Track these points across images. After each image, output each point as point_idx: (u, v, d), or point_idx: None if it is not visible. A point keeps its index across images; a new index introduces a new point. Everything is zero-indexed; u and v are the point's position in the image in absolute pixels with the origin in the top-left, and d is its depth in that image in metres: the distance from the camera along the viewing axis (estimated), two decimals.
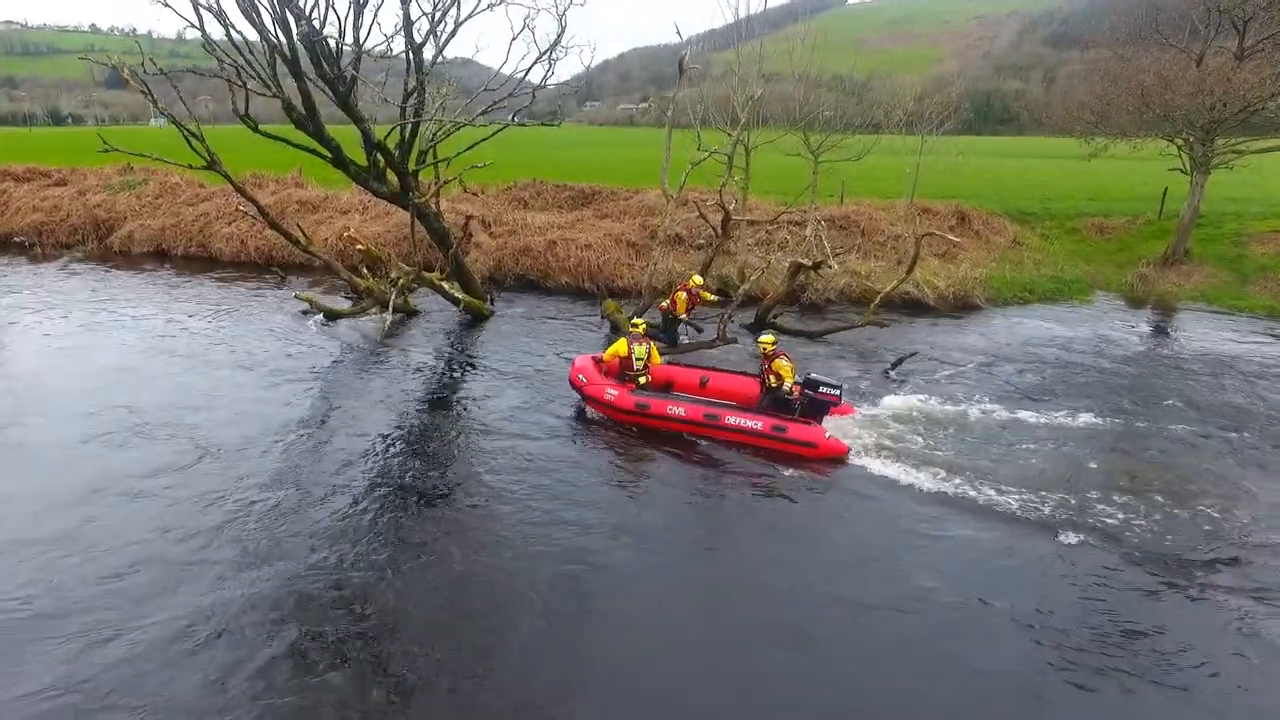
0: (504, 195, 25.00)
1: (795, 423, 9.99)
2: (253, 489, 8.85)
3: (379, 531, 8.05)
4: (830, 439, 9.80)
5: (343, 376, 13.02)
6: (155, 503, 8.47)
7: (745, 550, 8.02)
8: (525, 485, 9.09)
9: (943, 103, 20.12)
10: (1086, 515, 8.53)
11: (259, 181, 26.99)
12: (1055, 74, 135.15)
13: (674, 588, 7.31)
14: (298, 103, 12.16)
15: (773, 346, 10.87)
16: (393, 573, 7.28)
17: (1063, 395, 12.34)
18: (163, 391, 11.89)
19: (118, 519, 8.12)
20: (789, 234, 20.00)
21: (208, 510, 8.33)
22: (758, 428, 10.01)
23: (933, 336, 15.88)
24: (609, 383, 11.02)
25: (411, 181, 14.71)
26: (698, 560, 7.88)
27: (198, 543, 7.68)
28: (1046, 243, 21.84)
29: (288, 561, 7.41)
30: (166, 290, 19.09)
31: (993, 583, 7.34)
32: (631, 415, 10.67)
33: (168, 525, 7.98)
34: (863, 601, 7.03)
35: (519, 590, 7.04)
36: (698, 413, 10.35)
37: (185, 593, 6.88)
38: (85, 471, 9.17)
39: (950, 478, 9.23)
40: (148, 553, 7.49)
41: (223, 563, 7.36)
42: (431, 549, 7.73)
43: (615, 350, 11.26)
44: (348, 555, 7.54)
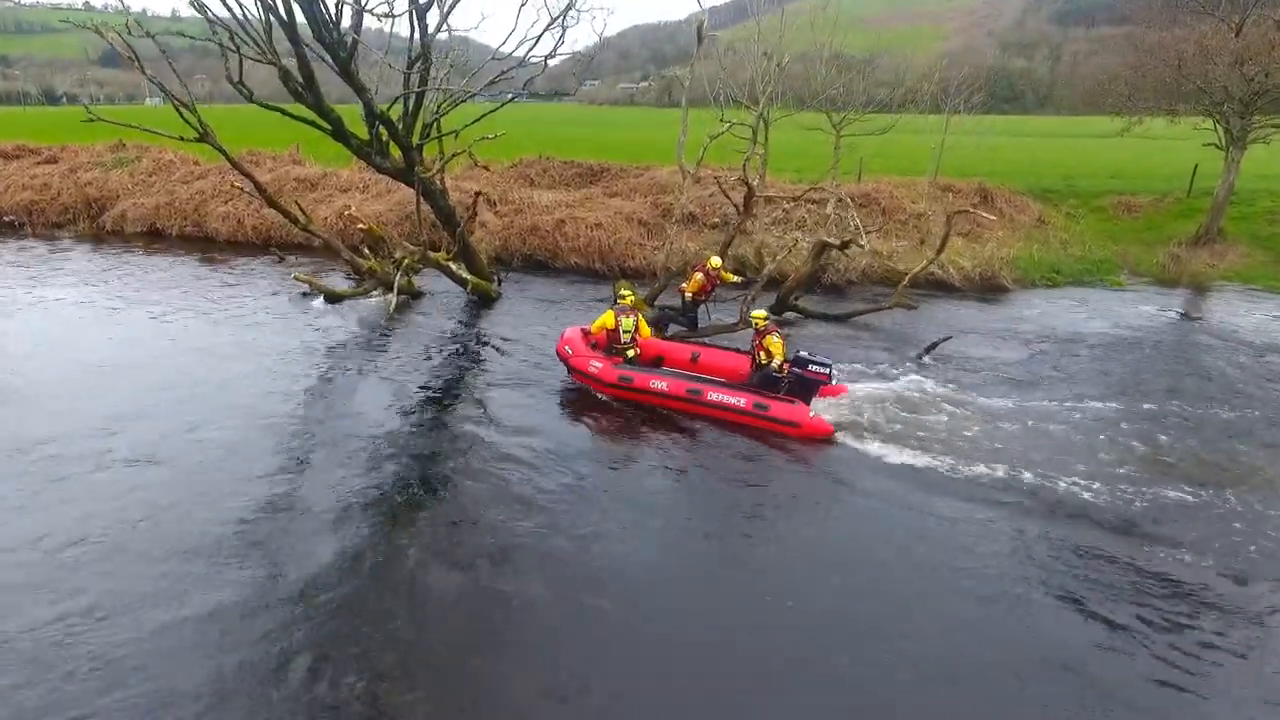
0: (510, 172, 24.15)
1: (779, 401, 9.73)
2: (250, 480, 8.36)
3: (381, 522, 7.68)
4: (814, 419, 9.53)
5: (345, 361, 12.34)
6: (149, 493, 8.01)
7: (730, 538, 7.72)
8: (528, 474, 8.67)
9: (971, 78, 19.24)
10: (1101, 508, 8.06)
11: (256, 159, 26.13)
12: (1061, 52, 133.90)
13: (673, 581, 6.97)
14: (295, 71, 11.37)
15: (764, 322, 10.67)
16: (396, 564, 6.97)
17: (1088, 380, 11.76)
18: (155, 379, 11.26)
19: (108, 511, 7.66)
20: (807, 212, 19.24)
21: (203, 500, 7.91)
22: (740, 405, 9.78)
23: (958, 319, 15.22)
24: (594, 355, 10.82)
25: (416, 156, 13.95)
26: (683, 552, 7.47)
27: (191, 535, 7.29)
28: (1072, 222, 21.08)
29: (286, 551, 7.10)
30: (160, 272, 18.34)
31: (975, 570, 7.05)
32: (614, 389, 10.47)
33: (159, 515, 7.60)
34: (843, 591, 6.79)
35: (519, 582, 6.74)
36: (680, 388, 10.13)
37: (180, 585, 6.56)
38: (73, 463, 8.59)
39: (950, 463, 8.84)
40: (141, 546, 7.11)
41: (217, 555, 7.00)
42: (432, 540, 7.40)
43: (602, 322, 11.08)
44: (349, 546, 7.21)
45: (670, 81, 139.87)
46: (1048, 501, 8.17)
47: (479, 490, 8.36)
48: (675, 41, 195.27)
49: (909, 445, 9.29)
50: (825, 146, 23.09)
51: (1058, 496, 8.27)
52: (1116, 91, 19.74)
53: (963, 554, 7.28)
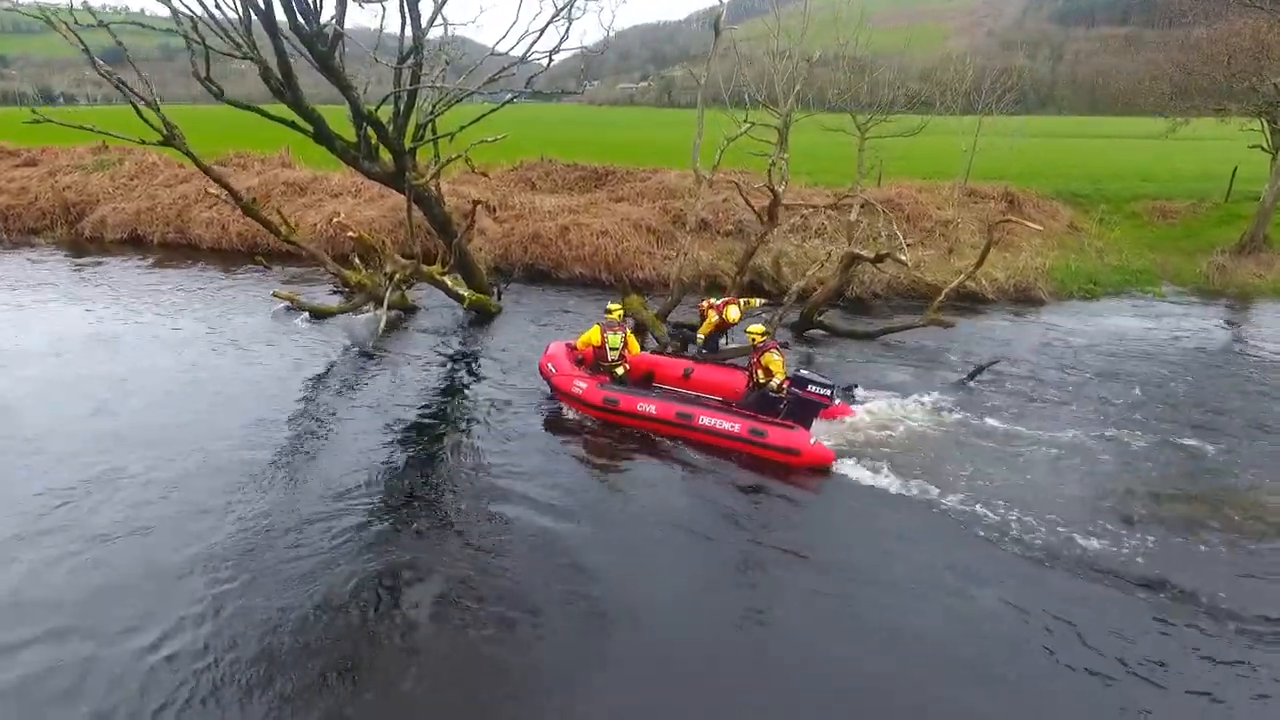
0: (510, 176, 22.96)
1: (777, 426, 8.89)
2: (227, 515, 7.59)
3: (369, 558, 6.99)
4: (816, 445, 8.70)
5: (328, 384, 11.18)
6: (122, 526, 7.36)
7: (724, 581, 6.91)
8: (517, 509, 7.90)
9: (1006, 79, 18.06)
10: (1133, 561, 7.03)
11: (244, 161, 25.03)
12: (1062, 51, 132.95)
13: (661, 629, 6.24)
14: (274, 66, 10.18)
15: (762, 338, 9.77)
16: (385, 600, 6.45)
17: (1127, 407, 10.65)
18: (127, 404, 10.22)
19: (82, 537, 7.16)
20: (827, 219, 18.08)
21: (162, 533, 7.30)
22: (735, 431, 8.95)
23: (992, 335, 14.14)
24: (579, 374, 10.04)
25: (408, 161, 12.77)
26: (670, 602, 6.60)
27: (158, 561, 6.83)
28: (1106, 228, 19.91)
29: (274, 585, 6.55)
30: (138, 283, 17.15)
31: (989, 632, 6.19)
32: (599, 411, 9.67)
33: (136, 549, 7.04)
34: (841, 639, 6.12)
35: (512, 618, 6.26)
36: (669, 411, 9.31)
37: (165, 615, 6.15)
38: (46, 493, 7.88)
39: (969, 502, 7.88)
40: (117, 576, 6.63)
41: (201, 585, 6.53)
42: (421, 574, 6.81)
43: (588, 338, 10.36)
44: (335, 580, 6.62)
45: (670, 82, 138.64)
46: (1072, 552, 7.14)
47: (462, 523, 7.62)
48: (675, 41, 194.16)
49: (922, 478, 8.33)
50: (842, 148, 21.96)
51: (1083, 546, 7.22)
52: (1159, 91, 18.57)
53: (975, 613, 6.40)
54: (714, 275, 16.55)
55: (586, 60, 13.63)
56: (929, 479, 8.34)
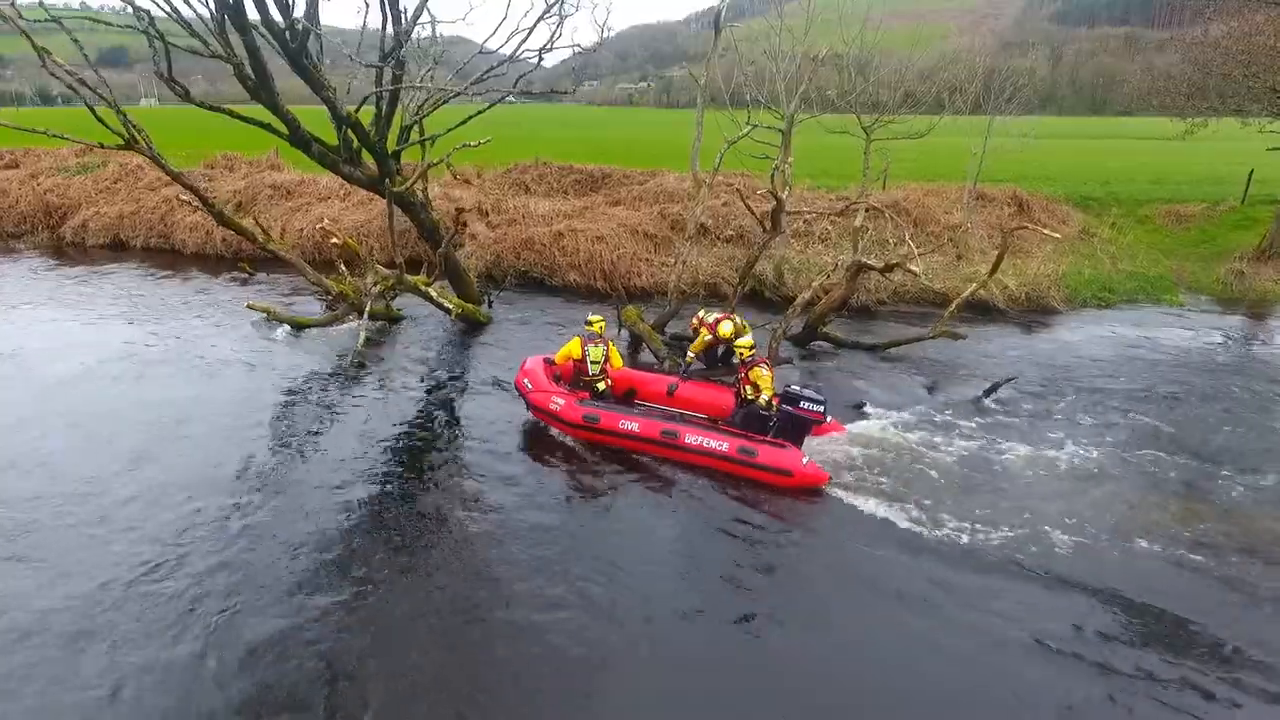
0: (503, 179, 22.31)
1: (768, 445, 8.33)
2: (200, 541, 7.16)
3: (349, 585, 6.59)
4: (809, 465, 8.15)
5: (306, 401, 10.53)
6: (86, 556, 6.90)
7: (711, 613, 6.41)
8: (492, 537, 7.42)
9: (1017, 78, 17.38)
10: (1145, 606, 6.42)
11: (230, 164, 24.42)
12: (1062, 51, 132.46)
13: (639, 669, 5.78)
14: (247, 64, 9.53)
15: (750, 352, 9.24)
16: (365, 628, 6.10)
17: (1143, 426, 9.98)
18: (96, 422, 9.66)
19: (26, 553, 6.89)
20: (831, 224, 17.45)
21: (141, 550, 6.97)
22: (723, 449, 8.39)
23: (1003, 346, 13.46)
24: (557, 390, 9.45)
25: (393, 165, 12.13)
26: (652, 636, 6.13)
27: (139, 599, 6.35)
28: (1119, 233, 19.26)
29: (250, 615, 6.18)
30: (117, 290, 16.51)
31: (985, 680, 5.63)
32: (579, 429, 9.12)
33: (99, 561, 6.79)
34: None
35: (494, 646, 5.95)
36: (654, 429, 8.72)
37: (129, 633, 5.91)
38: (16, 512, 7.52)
39: (971, 529, 7.40)
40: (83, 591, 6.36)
41: (163, 610, 6.19)
42: (404, 599, 6.45)
43: (567, 351, 9.85)
44: (316, 607, 6.29)
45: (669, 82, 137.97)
46: (1080, 594, 6.55)
47: (439, 548, 7.20)
48: (674, 42, 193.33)
49: (925, 502, 7.83)
50: (845, 150, 21.31)
51: (1093, 590, 6.59)
52: (1176, 92, 17.90)
53: (973, 657, 5.85)
54: (714, 284, 15.91)
55: (580, 59, 12.94)
56: (931, 503, 7.81)
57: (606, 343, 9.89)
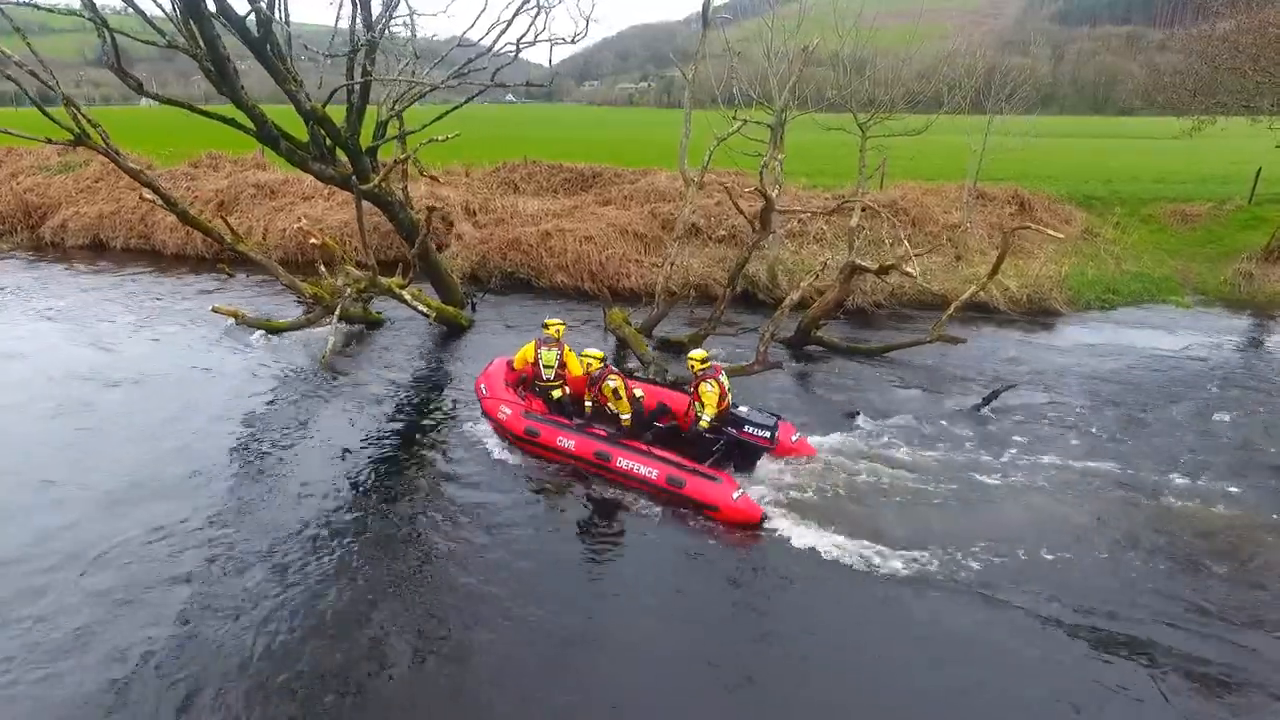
0: (491, 178, 21.79)
1: (698, 475, 7.69)
2: (170, 552, 6.90)
3: (316, 597, 6.36)
4: (741, 500, 7.46)
5: (273, 409, 10.07)
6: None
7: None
8: (477, 539, 7.26)
9: (1017, 75, 16.84)
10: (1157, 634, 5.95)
11: (214, 163, 23.90)
12: (1064, 51, 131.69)
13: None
14: (204, 58, 9.04)
15: (703, 365, 8.47)
16: (331, 633, 5.94)
17: (1150, 443, 9.39)
18: (61, 430, 9.30)
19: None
20: (827, 223, 16.94)
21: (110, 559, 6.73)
22: (651, 477, 7.83)
23: (1003, 351, 12.99)
24: (507, 398, 9.11)
25: (367, 162, 11.63)
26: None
27: (99, 610, 6.13)
28: (1123, 233, 18.73)
29: (216, 630, 5.94)
30: (93, 292, 16.05)
31: None
32: (520, 441, 8.78)
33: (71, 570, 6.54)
34: None
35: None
36: (588, 449, 8.29)
37: (101, 642, 5.76)
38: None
39: (949, 562, 6.78)
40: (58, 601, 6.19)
41: (128, 619, 6.02)
42: (372, 613, 6.18)
43: (523, 355, 9.49)
44: (287, 624, 6.04)
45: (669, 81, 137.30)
46: (1087, 636, 5.95)
47: (398, 565, 6.87)
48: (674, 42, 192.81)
49: (895, 533, 7.20)
50: (841, 148, 20.79)
51: (1102, 627, 6.03)
52: (1182, 87, 17.36)
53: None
54: (705, 285, 15.40)
55: (559, 52, 12.46)
56: (903, 532, 7.21)
57: (562, 347, 9.40)
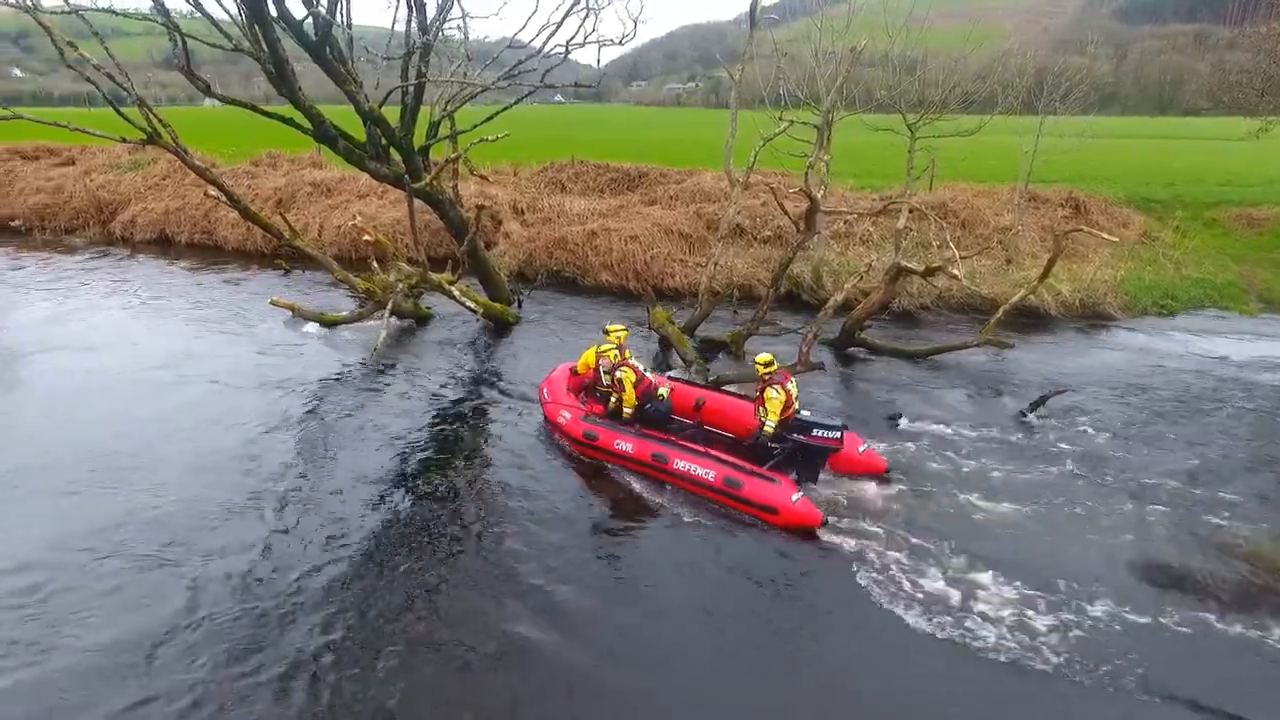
0: (539, 177, 22.09)
1: (756, 477, 7.58)
2: (221, 535, 7.22)
3: (362, 583, 6.60)
4: (800, 503, 7.33)
5: (327, 401, 10.41)
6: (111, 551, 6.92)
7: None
8: (518, 533, 7.42)
9: (1072, 75, 16.43)
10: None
11: (273, 161, 24.70)
12: (1126, 50, 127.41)
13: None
14: (267, 60, 9.42)
15: (766, 369, 8.39)
16: (381, 627, 6.06)
17: (1212, 449, 9.11)
18: (123, 415, 9.80)
19: (64, 538, 7.06)
20: (873, 224, 16.80)
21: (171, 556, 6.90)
22: (708, 478, 7.76)
23: (1055, 357, 12.65)
24: (567, 402, 9.17)
25: (420, 161, 11.95)
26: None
27: (162, 591, 6.40)
28: (1183, 237, 18.16)
29: (269, 608, 6.21)
30: (160, 285, 16.80)
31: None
32: (580, 445, 8.82)
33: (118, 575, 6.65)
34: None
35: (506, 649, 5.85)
36: (645, 451, 8.27)
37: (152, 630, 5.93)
38: (44, 515, 7.53)
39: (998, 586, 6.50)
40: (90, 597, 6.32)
41: (174, 609, 6.20)
42: (421, 597, 6.41)
43: (585, 360, 9.47)
44: (335, 603, 6.31)
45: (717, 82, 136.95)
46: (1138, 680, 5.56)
47: (436, 561, 7.01)
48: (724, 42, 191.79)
49: (926, 546, 7.00)
50: (889, 149, 20.53)
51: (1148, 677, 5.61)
52: (1248, 87, 16.78)
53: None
54: (749, 285, 15.42)
55: (607, 52, 12.62)
56: (941, 546, 7.02)
57: (624, 352, 9.24)
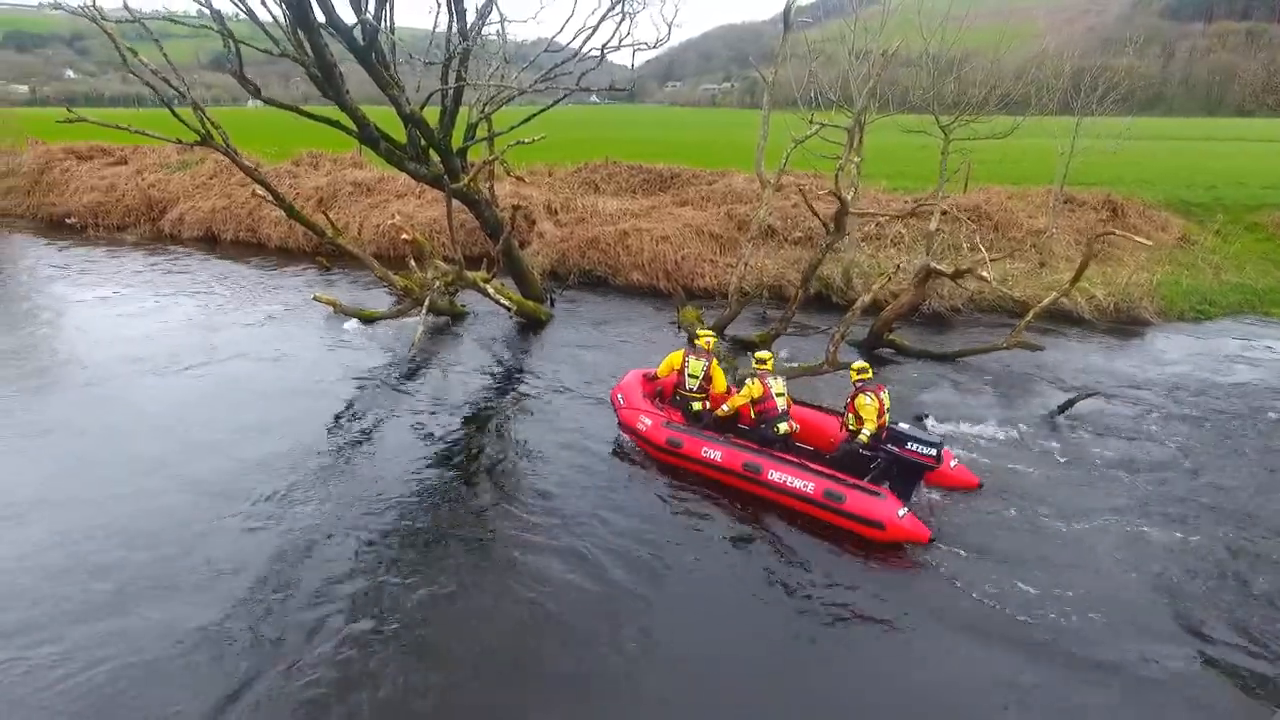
0: (573, 177, 22.44)
1: (859, 491, 7.26)
2: (260, 522, 7.47)
3: (398, 568, 6.80)
4: (907, 518, 7.06)
5: (367, 393, 10.78)
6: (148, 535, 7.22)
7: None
8: (549, 532, 7.41)
9: (1110, 76, 16.29)
10: None
11: (315, 161, 25.34)
12: (1174, 48, 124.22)
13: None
14: (312, 64, 9.82)
15: (859, 376, 8.23)
16: (413, 614, 6.20)
17: (1246, 467, 8.89)
18: (185, 398, 10.42)
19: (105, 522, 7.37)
20: (905, 226, 16.82)
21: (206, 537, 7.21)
22: (807, 490, 7.44)
23: (1087, 362, 12.58)
24: (646, 408, 8.90)
25: (458, 162, 12.31)
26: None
27: (198, 570, 6.71)
28: (1224, 241, 17.88)
29: (303, 598, 6.37)
30: (203, 281, 17.39)
31: None
32: (661, 452, 8.59)
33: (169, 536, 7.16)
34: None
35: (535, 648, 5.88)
36: (736, 460, 7.96)
37: (185, 612, 6.14)
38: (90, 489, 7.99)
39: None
40: (151, 564, 6.75)
41: (232, 590, 6.45)
42: (450, 592, 6.48)
43: (669, 363, 9.28)
44: (365, 591, 6.47)
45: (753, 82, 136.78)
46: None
47: (488, 546, 7.21)
48: (759, 42, 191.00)
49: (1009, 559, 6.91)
50: (922, 151, 20.48)
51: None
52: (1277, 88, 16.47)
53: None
54: (779, 286, 15.55)
55: (641, 55, 12.86)
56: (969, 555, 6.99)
57: (711, 359, 9.09)
